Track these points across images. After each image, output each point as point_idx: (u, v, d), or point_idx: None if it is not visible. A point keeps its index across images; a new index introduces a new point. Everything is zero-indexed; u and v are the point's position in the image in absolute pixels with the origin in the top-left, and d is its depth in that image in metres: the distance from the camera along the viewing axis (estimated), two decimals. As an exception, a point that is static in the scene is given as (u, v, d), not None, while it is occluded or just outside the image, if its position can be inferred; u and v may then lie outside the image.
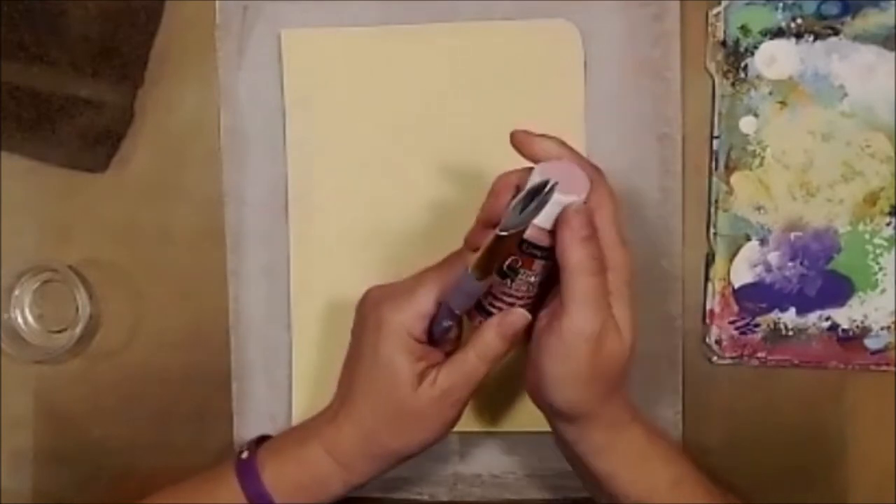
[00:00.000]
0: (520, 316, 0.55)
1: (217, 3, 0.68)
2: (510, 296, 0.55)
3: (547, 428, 0.67)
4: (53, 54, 0.67)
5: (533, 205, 0.49)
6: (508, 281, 0.54)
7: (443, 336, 0.57)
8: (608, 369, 0.53)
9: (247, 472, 0.58)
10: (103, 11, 0.67)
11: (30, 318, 0.69)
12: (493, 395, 0.67)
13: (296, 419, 0.68)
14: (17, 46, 0.67)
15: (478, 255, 0.51)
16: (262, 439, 0.62)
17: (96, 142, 0.68)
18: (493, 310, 0.55)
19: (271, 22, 0.68)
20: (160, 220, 0.69)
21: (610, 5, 0.67)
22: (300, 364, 0.68)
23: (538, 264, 0.54)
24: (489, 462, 0.68)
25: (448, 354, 0.57)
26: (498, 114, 0.67)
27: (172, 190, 0.69)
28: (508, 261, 0.53)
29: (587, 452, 0.57)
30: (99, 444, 0.69)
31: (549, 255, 0.53)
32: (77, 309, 0.67)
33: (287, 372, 0.68)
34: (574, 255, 0.51)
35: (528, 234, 0.52)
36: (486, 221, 0.56)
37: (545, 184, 0.49)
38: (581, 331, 0.52)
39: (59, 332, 0.69)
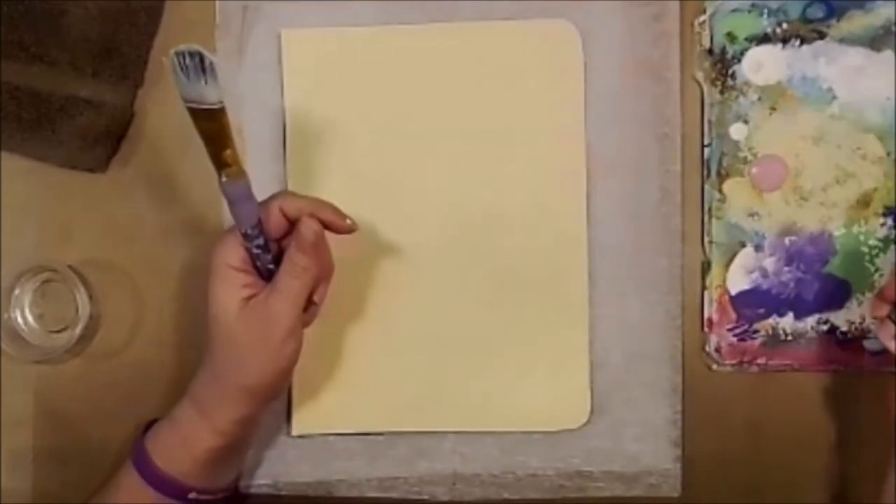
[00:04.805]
0: (307, 225, 0.57)
1: (217, 3, 0.68)
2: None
3: (546, 428, 0.67)
4: (53, 54, 0.67)
5: (191, 67, 0.49)
6: None
7: (264, 268, 0.58)
8: None
9: (136, 443, 0.61)
10: (103, 11, 0.67)
11: (30, 318, 0.69)
12: (492, 395, 0.67)
13: (295, 418, 0.68)
14: (17, 46, 0.67)
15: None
16: None
17: (96, 142, 0.68)
18: None
19: (271, 22, 0.68)
20: (160, 219, 0.69)
21: (610, 5, 0.67)
22: (299, 363, 0.68)
23: None
24: (489, 462, 0.68)
25: None
26: (498, 114, 0.67)
27: (172, 190, 0.69)
28: None
29: None
30: (99, 444, 0.69)
31: None
32: (77, 309, 0.67)
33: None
34: None
35: None
36: None
37: (198, 51, 0.49)
38: None
39: (59, 332, 0.69)
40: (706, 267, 0.67)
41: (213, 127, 0.52)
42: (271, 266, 0.58)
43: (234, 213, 0.56)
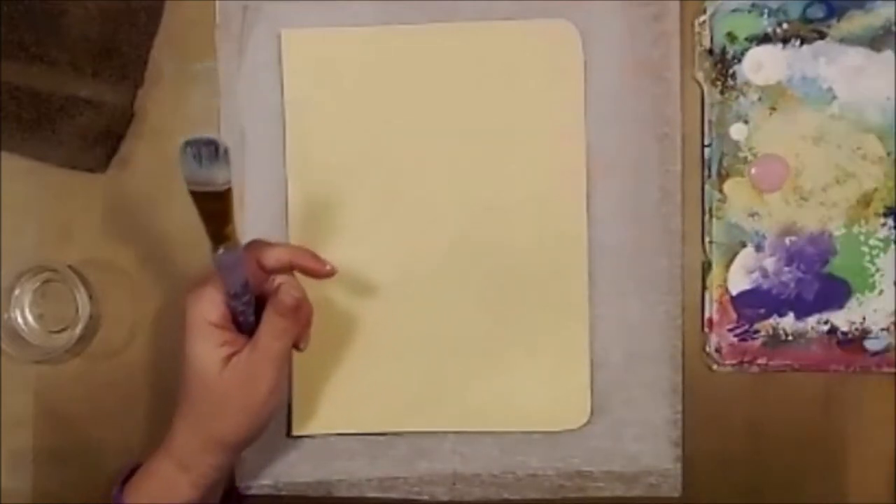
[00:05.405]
0: (286, 294, 0.57)
1: (217, 3, 0.68)
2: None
3: (547, 428, 0.67)
4: (53, 54, 0.67)
5: (205, 155, 0.48)
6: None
7: (245, 321, 0.58)
8: None
9: (114, 498, 0.59)
10: (103, 11, 0.67)
11: (30, 318, 0.69)
12: (492, 395, 0.67)
13: (295, 418, 0.68)
14: (17, 46, 0.67)
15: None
16: None
17: (96, 142, 0.68)
18: None
19: (271, 22, 0.68)
20: (160, 219, 0.69)
21: (610, 5, 0.67)
22: (298, 365, 0.68)
23: None
24: (489, 462, 0.68)
25: None
26: (498, 114, 0.67)
27: (172, 190, 0.69)
28: None
29: None
30: (99, 444, 0.69)
31: None
32: (77, 309, 0.67)
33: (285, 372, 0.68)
34: None
35: None
36: None
37: (213, 139, 0.49)
38: None
39: (59, 332, 0.69)
40: (706, 267, 0.67)
41: (217, 206, 0.50)
42: (251, 318, 0.58)
43: (224, 277, 0.55)
